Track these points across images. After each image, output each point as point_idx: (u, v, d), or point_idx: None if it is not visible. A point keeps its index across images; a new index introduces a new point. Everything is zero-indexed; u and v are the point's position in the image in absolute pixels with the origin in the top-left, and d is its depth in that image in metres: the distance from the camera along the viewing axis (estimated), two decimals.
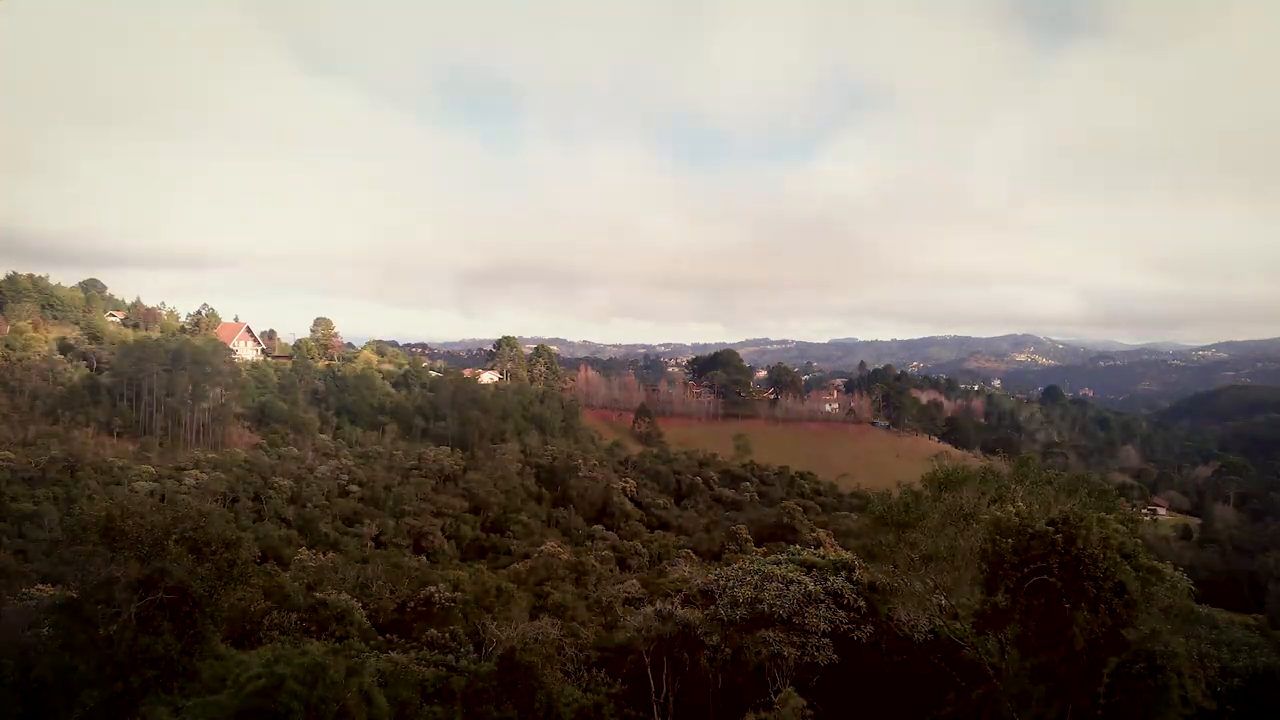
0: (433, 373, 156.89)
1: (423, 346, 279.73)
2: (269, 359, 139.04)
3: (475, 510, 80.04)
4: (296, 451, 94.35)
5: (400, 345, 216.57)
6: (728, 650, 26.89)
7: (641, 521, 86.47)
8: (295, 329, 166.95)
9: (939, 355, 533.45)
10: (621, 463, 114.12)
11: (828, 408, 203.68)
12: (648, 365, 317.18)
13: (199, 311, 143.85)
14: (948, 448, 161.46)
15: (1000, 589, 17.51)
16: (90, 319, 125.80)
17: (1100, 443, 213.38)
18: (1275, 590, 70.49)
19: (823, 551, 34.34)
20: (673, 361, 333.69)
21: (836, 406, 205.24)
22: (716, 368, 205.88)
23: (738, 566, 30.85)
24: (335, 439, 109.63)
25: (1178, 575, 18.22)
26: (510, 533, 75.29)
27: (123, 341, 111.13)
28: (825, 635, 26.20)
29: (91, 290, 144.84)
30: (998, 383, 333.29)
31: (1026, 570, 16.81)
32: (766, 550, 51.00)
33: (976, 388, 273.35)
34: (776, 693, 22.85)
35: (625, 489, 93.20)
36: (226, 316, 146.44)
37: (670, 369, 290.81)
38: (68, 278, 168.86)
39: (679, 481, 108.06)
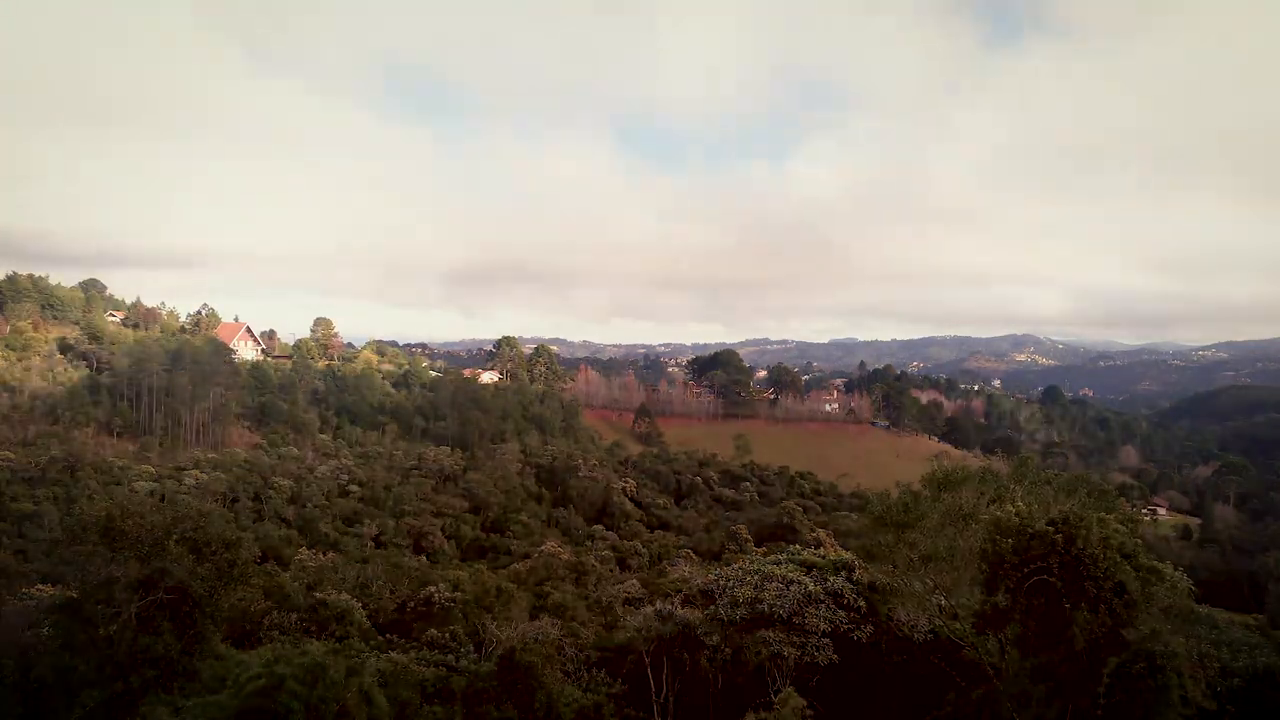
0: (433, 373, 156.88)
1: (423, 346, 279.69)
2: (269, 359, 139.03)
3: (475, 510, 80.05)
4: (296, 451, 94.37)
5: (400, 345, 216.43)
6: (728, 650, 26.88)
7: (641, 521, 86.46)
8: (295, 329, 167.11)
9: (939, 355, 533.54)
10: (621, 463, 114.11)
11: (828, 408, 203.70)
12: (648, 365, 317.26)
13: (199, 311, 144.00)
14: (948, 448, 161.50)
15: (1000, 589, 17.51)
16: (90, 319, 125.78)
17: (1100, 443, 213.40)
18: (1275, 590, 70.49)
19: (823, 551, 34.33)
20: (673, 361, 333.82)
21: (836, 406, 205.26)
22: (716, 368, 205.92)
23: (738, 566, 30.84)
24: (335, 439, 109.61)
25: (1178, 575, 18.22)
26: (510, 533, 75.29)
27: (123, 341, 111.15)
28: (825, 635, 26.20)
29: (91, 290, 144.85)
30: (998, 383, 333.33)
31: (1026, 570, 16.80)
32: (766, 550, 50.99)
33: (976, 388, 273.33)
34: (776, 693, 22.85)
35: (625, 489, 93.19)
36: (226, 316, 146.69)
37: (670, 369, 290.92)
38: (68, 278, 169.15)
39: (679, 481, 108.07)
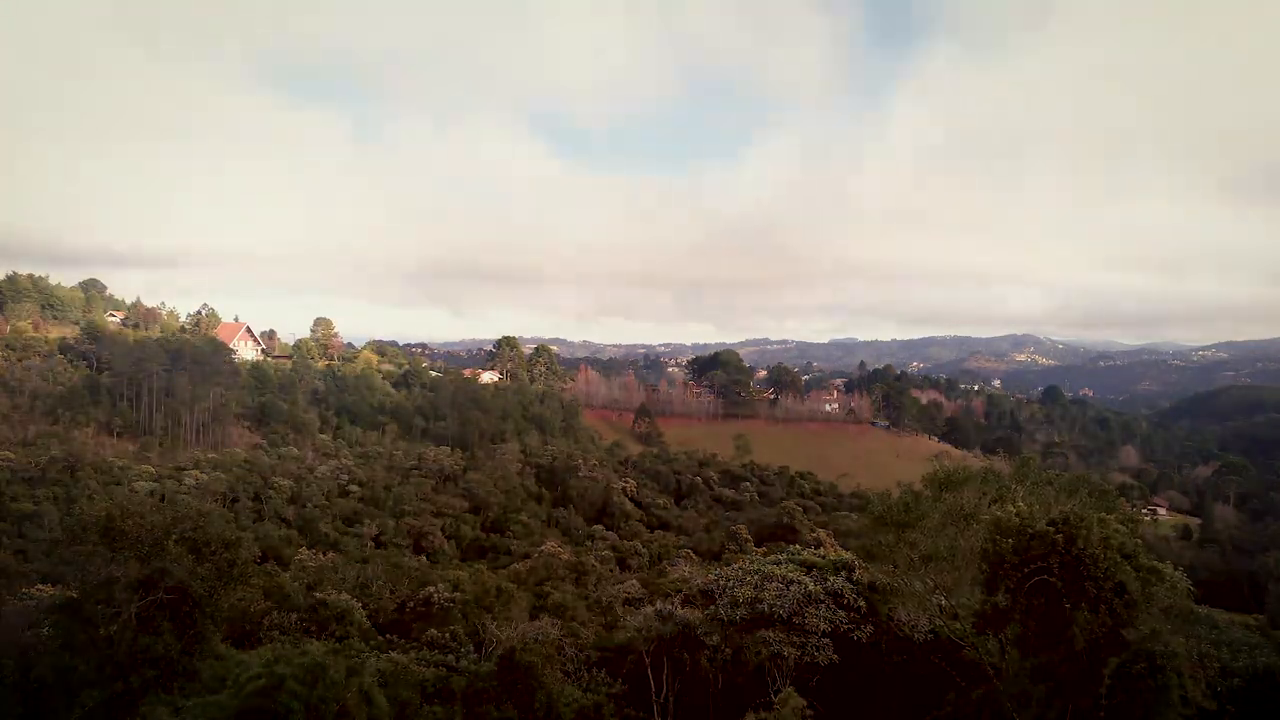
0: (433, 373, 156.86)
1: (423, 347, 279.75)
2: (269, 359, 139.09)
3: (475, 510, 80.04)
4: (296, 451, 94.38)
5: (400, 345, 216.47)
6: (728, 650, 26.87)
7: (641, 521, 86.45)
8: (295, 329, 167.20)
9: (939, 355, 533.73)
10: (621, 463, 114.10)
11: (828, 408, 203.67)
12: (648, 365, 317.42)
13: (199, 311, 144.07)
14: (948, 448, 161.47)
15: (1000, 589, 17.51)
16: (90, 319, 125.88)
17: (1100, 443, 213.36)
18: (1275, 590, 70.44)
19: (823, 551, 34.33)
20: (673, 361, 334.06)
21: (836, 406, 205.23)
22: (716, 368, 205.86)
23: (738, 566, 30.83)
24: (335, 439, 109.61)
25: (1178, 575, 18.21)
26: (510, 533, 75.28)
27: (123, 341, 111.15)
28: (825, 635, 26.19)
29: (91, 290, 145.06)
30: (998, 383, 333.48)
31: (1027, 570, 16.80)
32: (766, 550, 50.98)
33: (976, 388, 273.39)
34: (776, 693, 22.85)
35: (625, 489, 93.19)
36: (226, 316, 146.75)
37: (670, 369, 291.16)
38: (68, 278, 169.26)
39: (679, 481, 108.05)
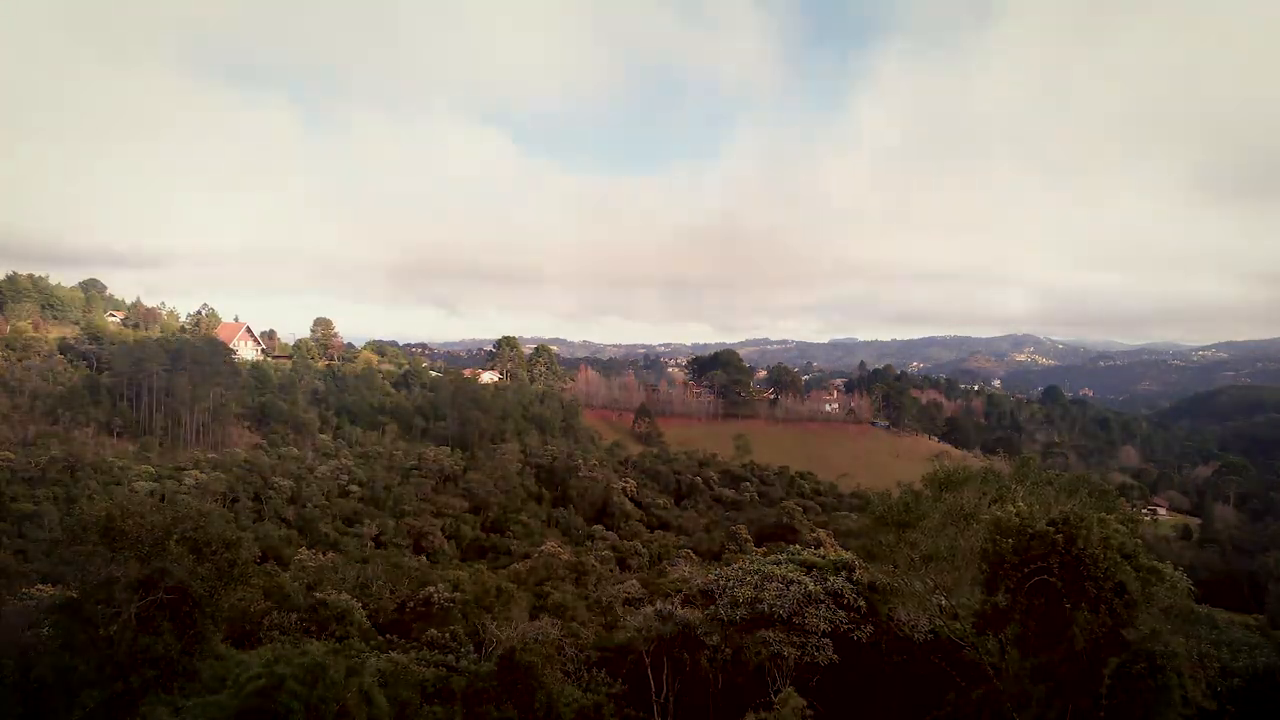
0: (433, 373, 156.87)
1: (423, 346, 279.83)
2: (269, 359, 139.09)
3: (475, 510, 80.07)
4: (296, 451, 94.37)
5: (400, 345, 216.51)
6: (728, 650, 26.86)
7: (641, 521, 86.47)
8: (295, 329, 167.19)
9: (939, 355, 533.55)
10: (621, 463, 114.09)
11: (828, 408, 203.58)
12: (648, 365, 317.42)
13: (199, 311, 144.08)
14: (948, 448, 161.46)
15: (1000, 589, 17.50)
16: (90, 319, 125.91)
17: (1100, 443, 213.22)
18: (1275, 590, 70.45)
19: (823, 551, 34.31)
20: (673, 361, 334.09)
21: (836, 406, 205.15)
22: (716, 368, 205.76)
23: (738, 566, 30.81)
24: (335, 439, 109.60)
25: (1178, 575, 18.20)
26: (510, 533, 75.31)
27: (123, 341, 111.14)
28: (825, 635, 26.18)
29: (91, 290, 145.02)
30: (998, 383, 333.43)
31: (1027, 570, 16.79)
32: (766, 550, 50.98)
33: (976, 388, 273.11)
34: (776, 693, 22.85)
35: (625, 489, 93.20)
36: (226, 316, 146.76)
37: (670, 369, 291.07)
38: (68, 278, 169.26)
39: (679, 481, 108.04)
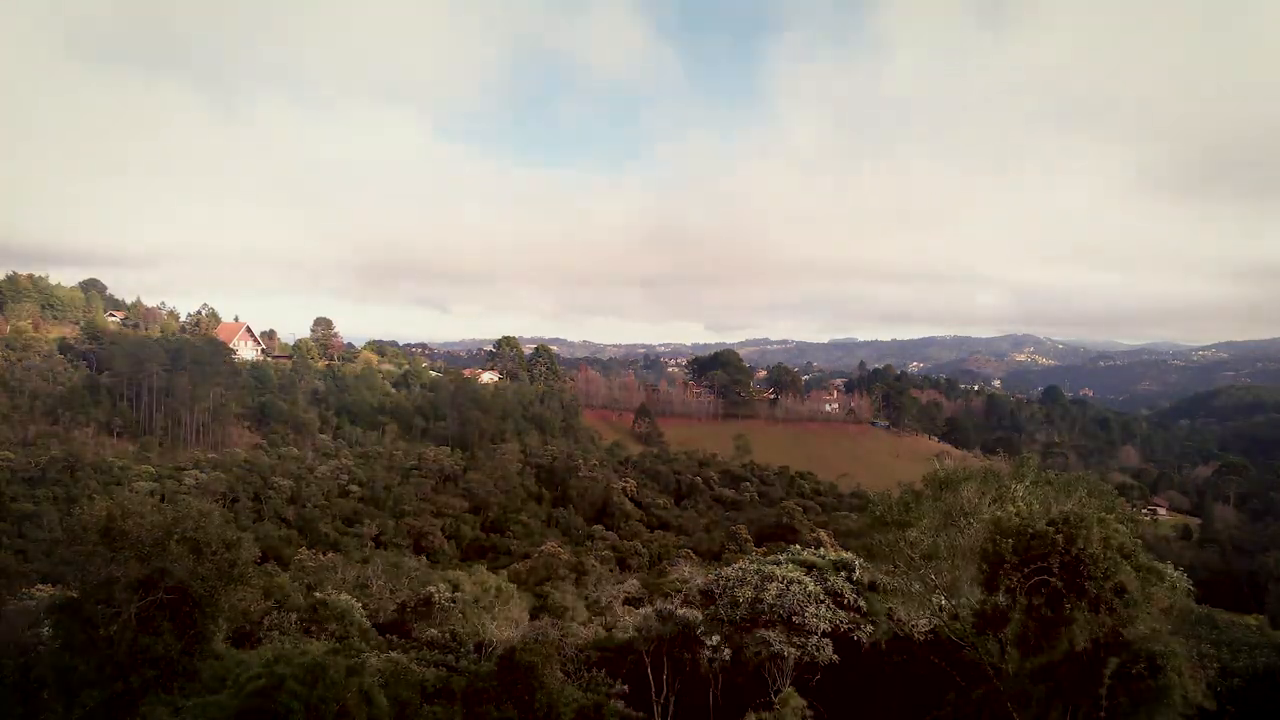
0: (432, 373, 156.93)
1: (423, 346, 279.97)
2: (269, 359, 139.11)
3: (475, 510, 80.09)
4: (296, 451, 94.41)
5: (400, 345, 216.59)
6: (728, 650, 26.85)
7: (641, 521, 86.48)
8: (295, 329, 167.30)
9: (939, 355, 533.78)
10: (621, 463, 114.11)
11: (828, 408, 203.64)
12: (648, 365, 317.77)
13: (199, 311, 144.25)
14: (948, 448, 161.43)
15: (1000, 589, 17.48)
16: (90, 319, 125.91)
17: (1100, 443, 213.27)
18: (1275, 590, 70.48)
19: (823, 551, 34.30)
20: (673, 361, 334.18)
21: (836, 406, 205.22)
22: (716, 368, 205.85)
23: (738, 566, 30.77)
24: (335, 439, 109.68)
25: (1178, 575, 18.22)
26: (510, 533, 75.34)
27: (123, 341, 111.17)
28: (825, 635, 26.19)
29: (91, 290, 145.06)
30: (998, 383, 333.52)
31: (1027, 570, 16.79)
32: (766, 550, 51.02)
33: (976, 388, 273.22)
34: (776, 693, 22.86)
35: (625, 489, 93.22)
36: (226, 316, 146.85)
37: (670, 369, 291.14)
38: (68, 278, 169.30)
39: (679, 481, 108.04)
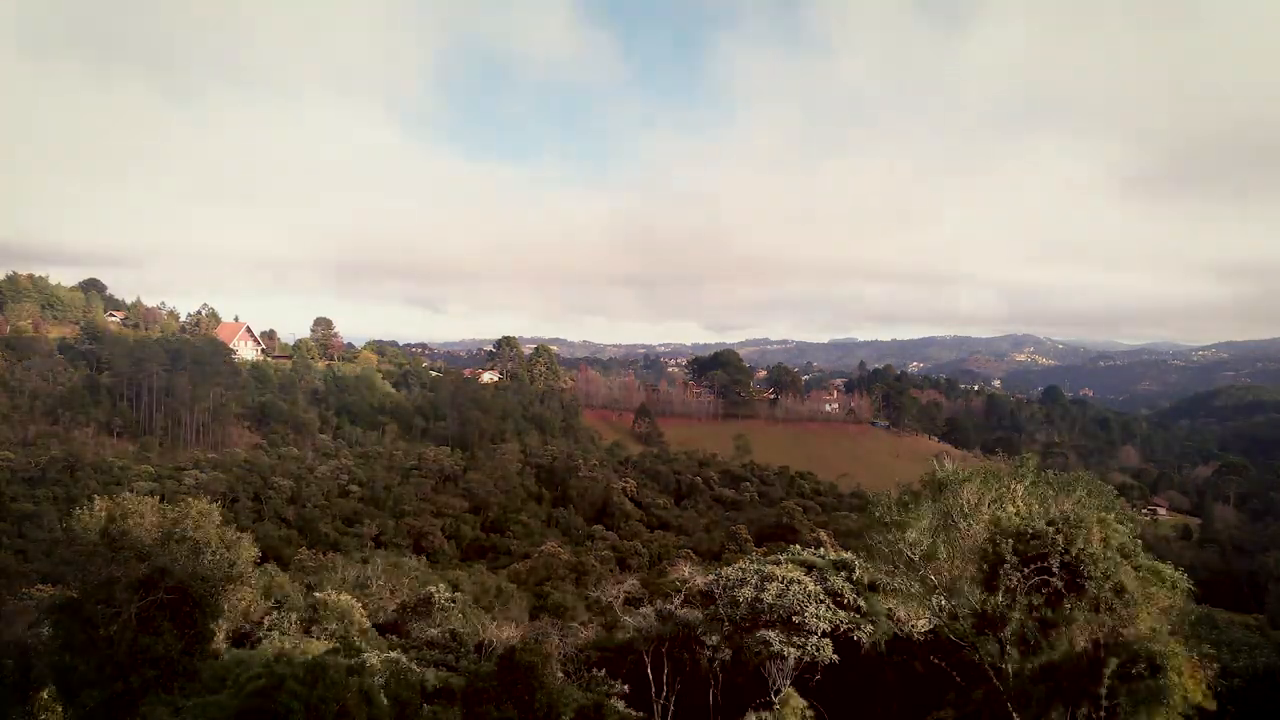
0: (433, 373, 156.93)
1: (423, 346, 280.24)
2: (269, 359, 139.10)
3: (475, 510, 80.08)
4: (296, 451, 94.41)
5: (400, 345, 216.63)
6: (728, 650, 26.86)
7: (641, 521, 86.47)
8: (295, 329, 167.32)
9: (939, 355, 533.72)
10: (621, 463, 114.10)
11: (828, 408, 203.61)
12: (648, 365, 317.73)
13: (199, 311, 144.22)
14: (948, 448, 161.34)
15: (1000, 589, 17.50)
16: (90, 319, 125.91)
17: (1100, 443, 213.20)
18: (1275, 590, 70.56)
19: (823, 551, 34.30)
20: (673, 361, 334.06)
21: (836, 406, 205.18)
22: (716, 368, 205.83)
23: (738, 566, 30.78)
24: (335, 439, 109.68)
25: (1178, 575, 18.21)
26: (510, 533, 75.34)
27: (123, 341, 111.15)
28: (825, 635, 26.19)
29: (91, 290, 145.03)
30: (998, 383, 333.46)
31: (1026, 570, 16.80)
32: (766, 550, 50.98)
33: (976, 388, 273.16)
34: (776, 693, 22.86)
35: (625, 489, 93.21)
36: (226, 316, 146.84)
37: (670, 369, 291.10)
38: (68, 278, 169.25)
39: (679, 481, 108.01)
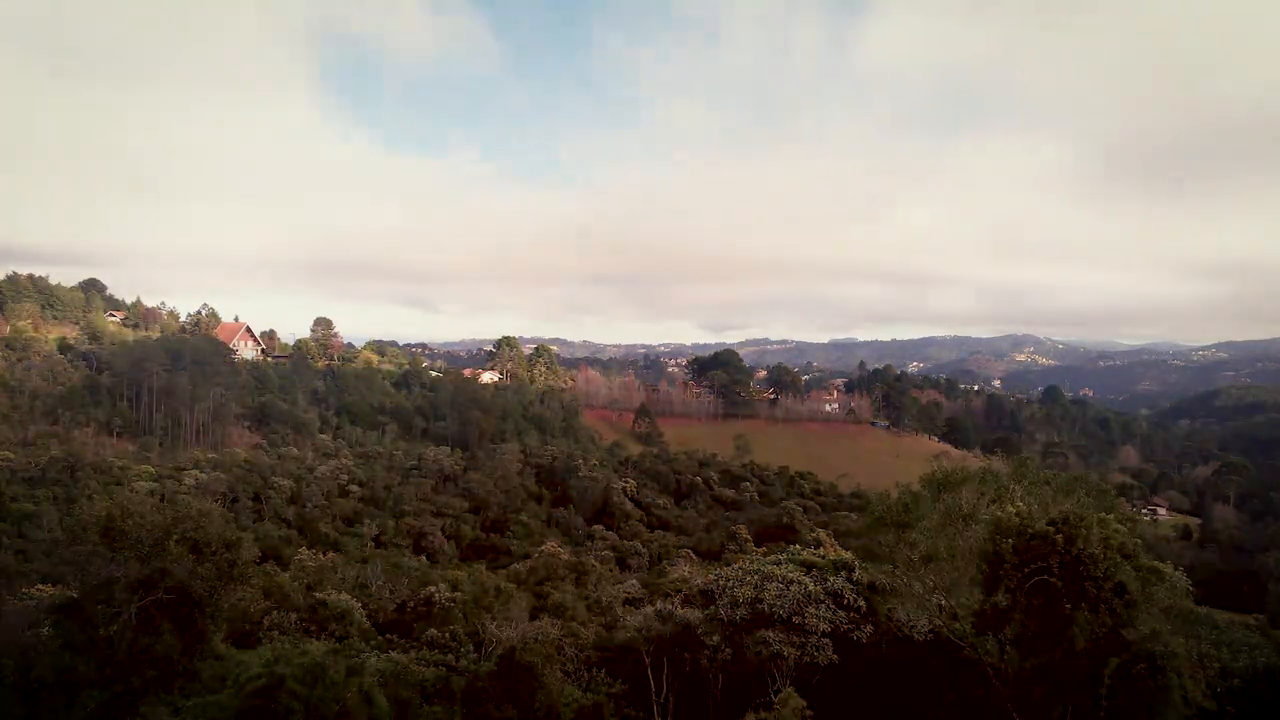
0: (433, 373, 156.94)
1: (423, 346, 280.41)
2: (269, 359, 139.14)
3: (475, 510, 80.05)
4: (296, 451, 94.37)
5: (400, 345, 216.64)
6: (728, 650, 26.84)
7: (641, 521, 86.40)
8: (295, 329, 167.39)
9: (939, 355, 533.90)
10: (621, 463, 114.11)
11: (828, 408, 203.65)
12: (648, 365, 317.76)
13: (199, 311, 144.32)
14: (948, 448, 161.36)
15: (1000, 589, 17.51)
16: (90, 319, 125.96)
17: (1100, 443, 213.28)
18: (1275, 590, 70.53)
19: (823, 551, 34.28)
20: (673, 361, 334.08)
21: (836, 406, 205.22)
22: (716, 368, 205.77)
23: (738, 566, 30.77)
24: (335, 439, 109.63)
25: (1178, 575, 18.23)
26: (510, 533, 75.33)
27: (123, 341, 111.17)
28: (825, 635, 26.18)
29: (91, 290, 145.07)
30: (998, 383, 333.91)
31: (1027, 570, 16.80)
32: (766, 550, 50.93)
33: (976, 388, 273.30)
34: (776, 693, 22.83)
35: (625, 489, 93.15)
36: (226, 316, 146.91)
37: (670, 369, 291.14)
38: (68, 278, 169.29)
39: (679, 481, 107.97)
